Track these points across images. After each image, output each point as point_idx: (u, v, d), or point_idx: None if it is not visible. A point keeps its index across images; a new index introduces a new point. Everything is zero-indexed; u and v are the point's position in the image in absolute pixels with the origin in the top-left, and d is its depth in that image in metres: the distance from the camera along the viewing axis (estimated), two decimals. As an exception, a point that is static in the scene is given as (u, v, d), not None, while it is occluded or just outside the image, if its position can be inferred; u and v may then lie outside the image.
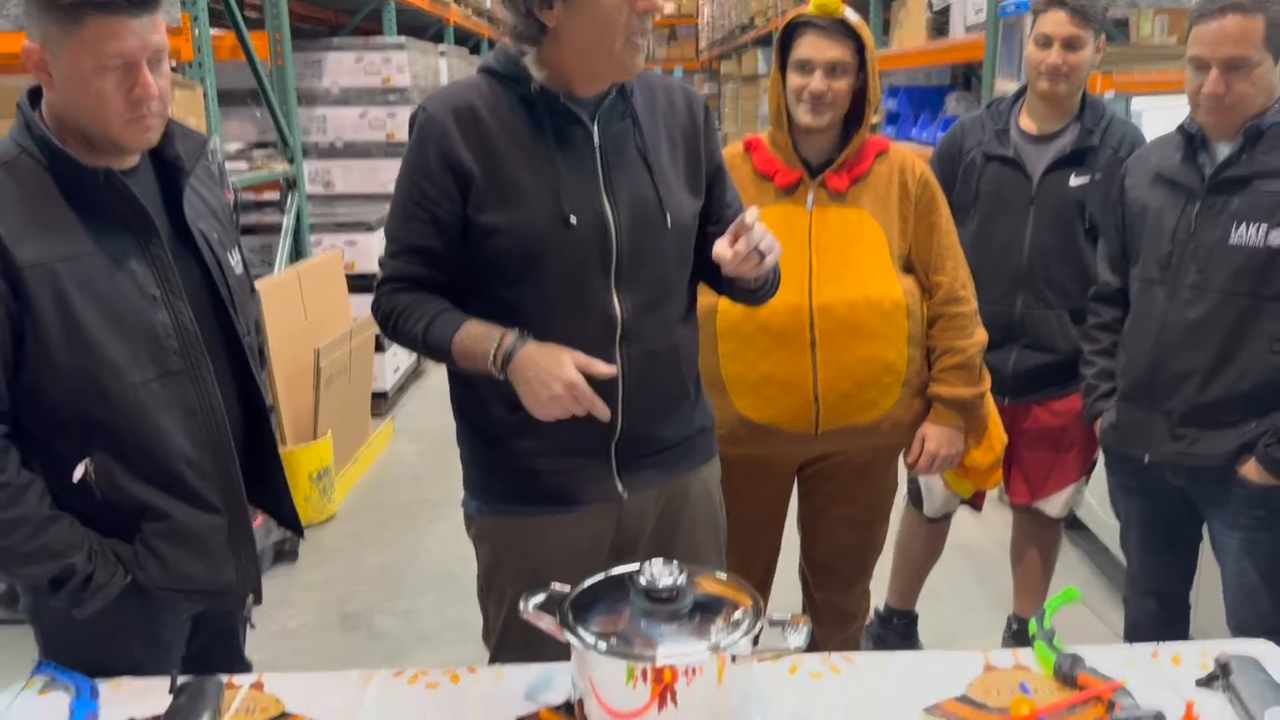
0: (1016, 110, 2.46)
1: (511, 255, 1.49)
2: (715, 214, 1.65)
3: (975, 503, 2.60)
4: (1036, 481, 2.53)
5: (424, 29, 7.49)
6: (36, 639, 1.49)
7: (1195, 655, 1.43)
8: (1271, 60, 1.82)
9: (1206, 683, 1.37)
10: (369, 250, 4.93)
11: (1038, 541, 2.62)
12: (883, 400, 1.99)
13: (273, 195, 4.79)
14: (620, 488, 1.59)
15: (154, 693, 1.35)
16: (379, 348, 4.86)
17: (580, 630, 1.26)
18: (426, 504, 4.02)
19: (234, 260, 1.55)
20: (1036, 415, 2.46)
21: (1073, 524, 3.46)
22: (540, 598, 1.33)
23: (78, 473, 1.36)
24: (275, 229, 4.47)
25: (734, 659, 1.23)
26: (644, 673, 1.21)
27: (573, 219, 1.48)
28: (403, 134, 5.57)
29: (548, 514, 1.58)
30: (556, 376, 1.39)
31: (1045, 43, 2.33)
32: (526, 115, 1.50)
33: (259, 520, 1.62)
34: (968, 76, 5.89)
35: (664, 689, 1.22)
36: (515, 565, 1.60)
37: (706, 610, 1.28)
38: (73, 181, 1.35)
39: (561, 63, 1.49)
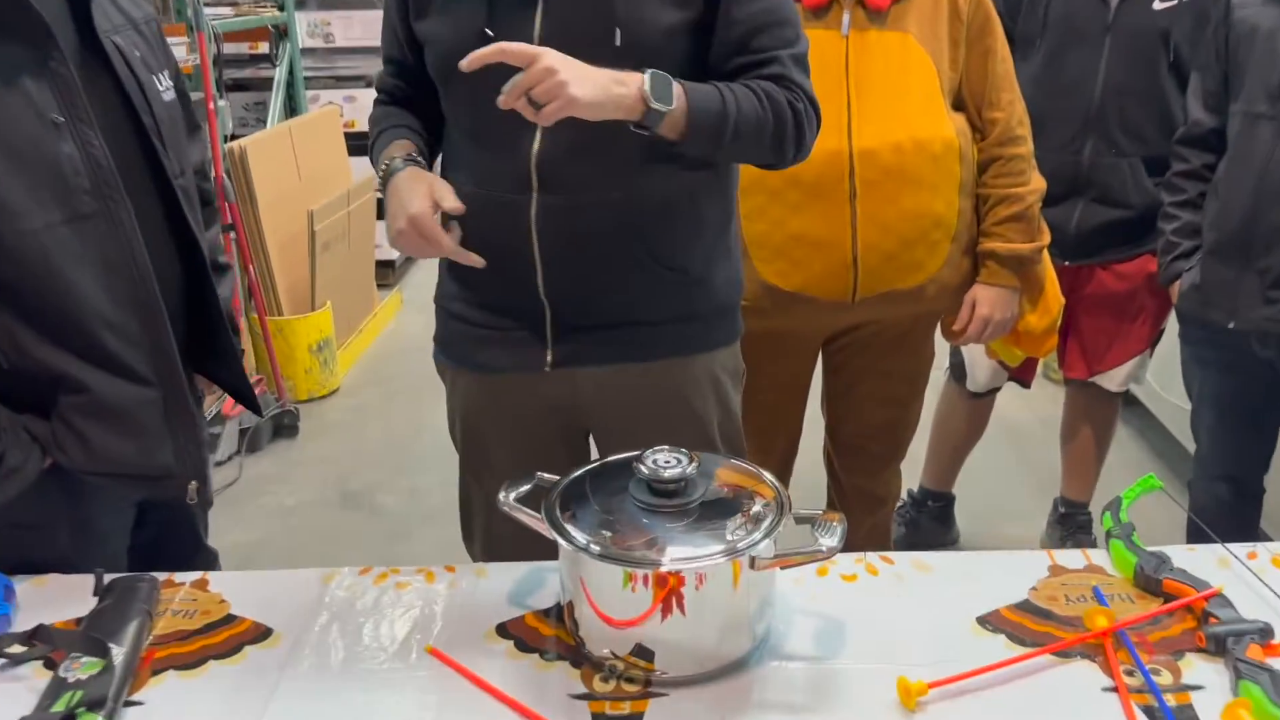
0: (1092, -78, 2.11)
1: (436, 70, 1.34)
2: (727, 34, 1.27)
3: (1024, 377, 2.36)
4: (1096, 353, 2.28)
5: None
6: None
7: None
8: None
9: (1314, 589, 1.15)
10: (369, 106, 4.61)
11: (1093, 419, 2.39)
12: (929, 260, 1.73)
13: (266, 48, 4.46)
14: (549, 356, 1.38)
15: (82, 591, 1.17)
16: (382, 214, 4.61)
17: (569, 528, 1.05)
18: (434, 378, 3.81)
19: (161, 85, 1.29)
20: (1100, 279, 2.20)
21: (1128, 401, 3.22)
22: (525, 488, 1.12)
23: (-27, 338, 1.14)
24: (268, 85, 4.16)
25: (753, 563, 1.02)
26: (645, 577, 1.01)
27: (488, 31, 1.21)
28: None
29: (487, 373, 1.45)
30: (403, 208, 1.23)
31: None
32: None
33: (229, 404, 1.41)
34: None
35: (668, 593, 1.01)
36: (473, 422, 1.51)
37: (720, 506, 1.07)
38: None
39: None
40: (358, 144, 4.42)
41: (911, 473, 2.54)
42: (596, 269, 1.33)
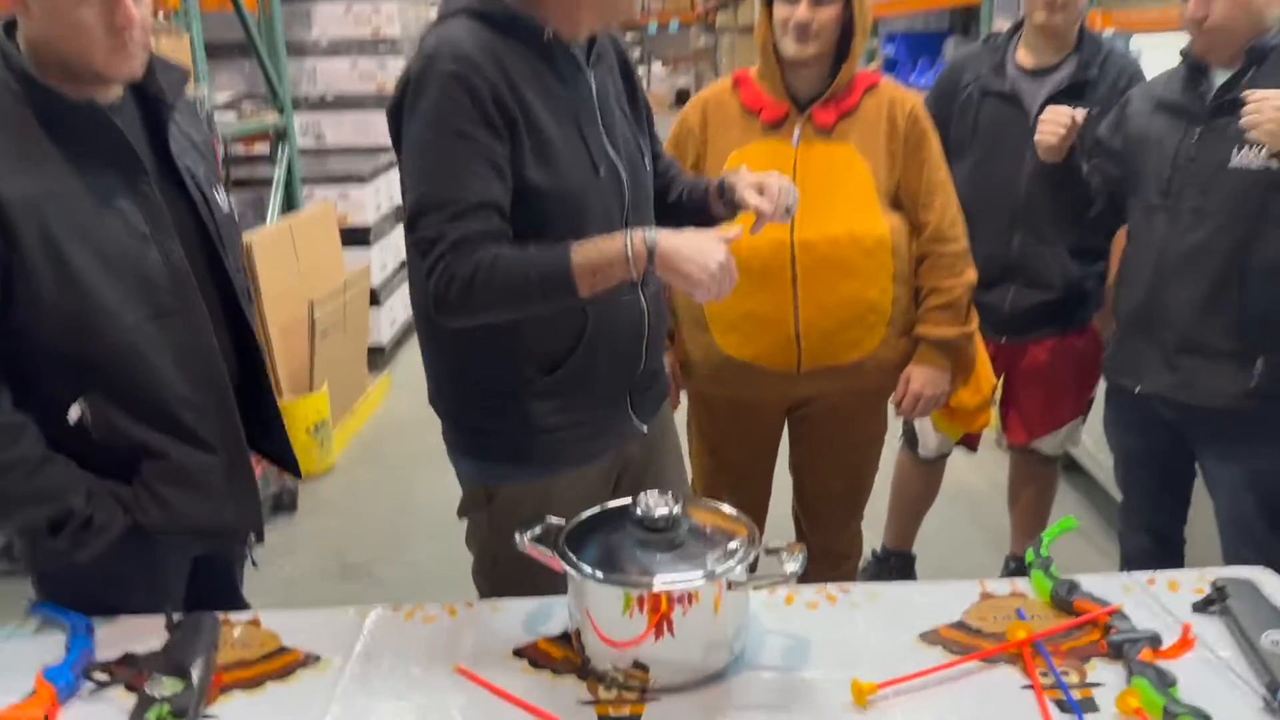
0: (1014, 45, 2.43)
1: (554, 212, 1.42)
2: (654, 140, 1.69)
3: (970, 443, 2.60)
4: (1033, 421, 2.52)
5: (414, -21, 7.37)
6: (33, 585, 1.48)
7: (1191, 581, 1.43)
8: None
9: (1203, 607, 1.37)
10: (361, 202, 4.89)
11: (1035, 481, 2.62)
12: (866, 339, 1.97)
13: (264, 149, 4.74)
14: (637, 423, 1.61)
15: (150, 631, 1.35)
16: (374, 301, 4.84)
17: (577, 560, 1.26)
18: (425, 456, 3.98)
19: (220, 197, 1.53)
20: (1033, 354, 2.46)
21: (1070, 466, 3.47)
22: (537, 531, 1.33)
23: (73, 414, 1.35)
24: (267, 183, 4.43)
25: (730, 586, 1.23)
26: (640, 602, 1.22)
27: (601, 169, 1.46)
28: (394, 85, 5.52)
29: (571, 469, 1.55)
30: (708, 254, 1.33)
31: (1044, -28, 2.29)
32: (543, 65, 1.43)
33: (259, 468, 1.60)
34: (965, 21, 5.81)
35: (660, 618, 1.22)
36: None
37: (702, 539, 1.28)
38: (55, 116, 1.32)
39: (557, 7, 1.43)
40: (350, 238, 4.70)
41: (876, 532, 2.76)
42: (661, 335, 1.63)
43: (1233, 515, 1.98)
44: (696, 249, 1.34)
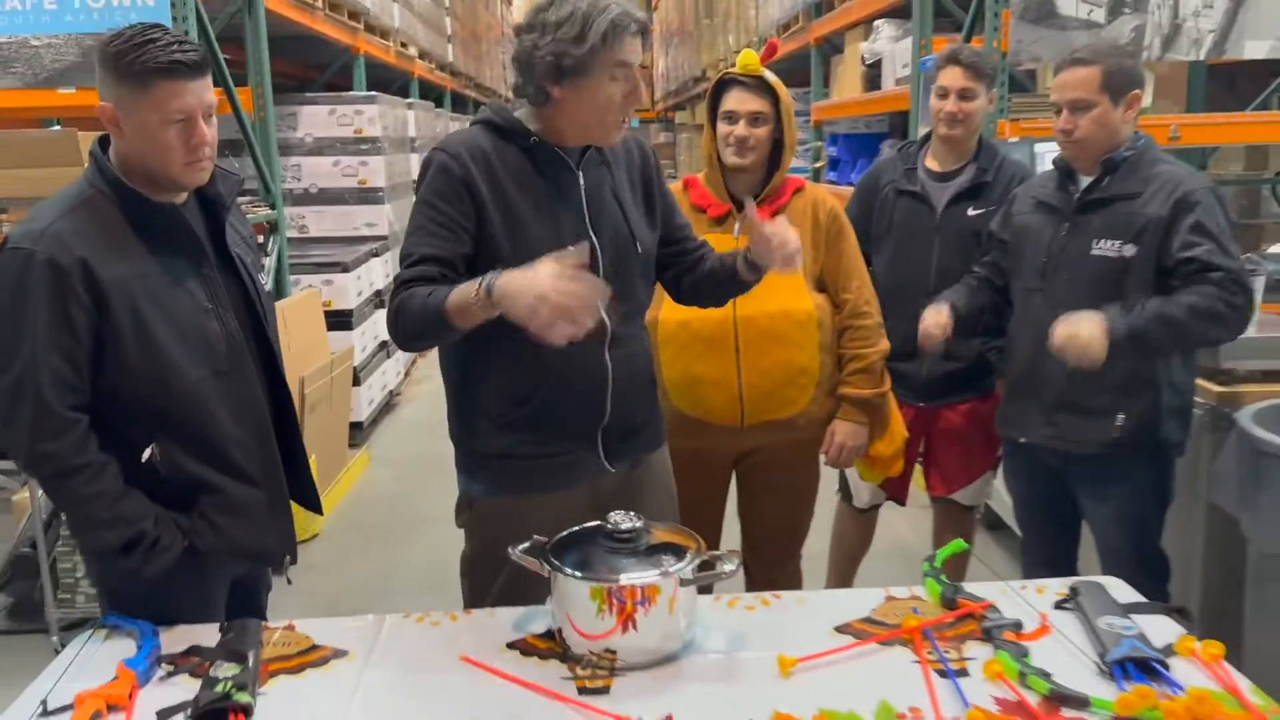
0: (923, 152, 2.85)
1: None
2: (672, 236, 2.01)
3: (899, 496, 2.94)
4: (950, 476, 2.88)
5: (390, 83, 7.86)
6: (101, 599, 1.77)
7: (1055, 586, 1.77)
8: (1111, 103, 2.21)
9: (1061, 604, 1.71)
10: (344, 289, 5.24)
11: (955, 528, 2.96)
12: (799, 398, 2.33)
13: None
14: (607, 465, 1.89)
15: (202, 636, 1.64)
16: (356, 381, 5.15)
17: (559, 564, 1.58)
18: (404, 523, 4.30)
19: (263, 280, 1.87)
20: (947, 417, 2.82)
21: (996, 524, 3.83)
22: (526, 545, 1.65)
23: (146, 454, 1.66)
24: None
25: (681, 583, 1.55)
26: (610, 601, 1.53)
27: (570, 248, 1.74)
28: (374, 180, 5.94)
29: (546, 493, 1.85)
30: (533, 284, 1.50)
31: (943, 94, 2.73)
32: (528, 162, 1.79)
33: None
34: (902, 125, 6.35)
35: (626, 617, 1.53)
36: (513, 538, 1.69)
37: (659, 549, 1.61)
38: (139, 214, 1.66)
39: (556, 123, 1.79)
40: (334, 322, 5.03)
41: (820, 580, 3.08)
42: (634, 392, 1.90)
43: (1106, 546, 2.33)
44: (523, 284, 1.51)
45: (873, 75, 5.70)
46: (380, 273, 6.05)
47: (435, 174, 1.77)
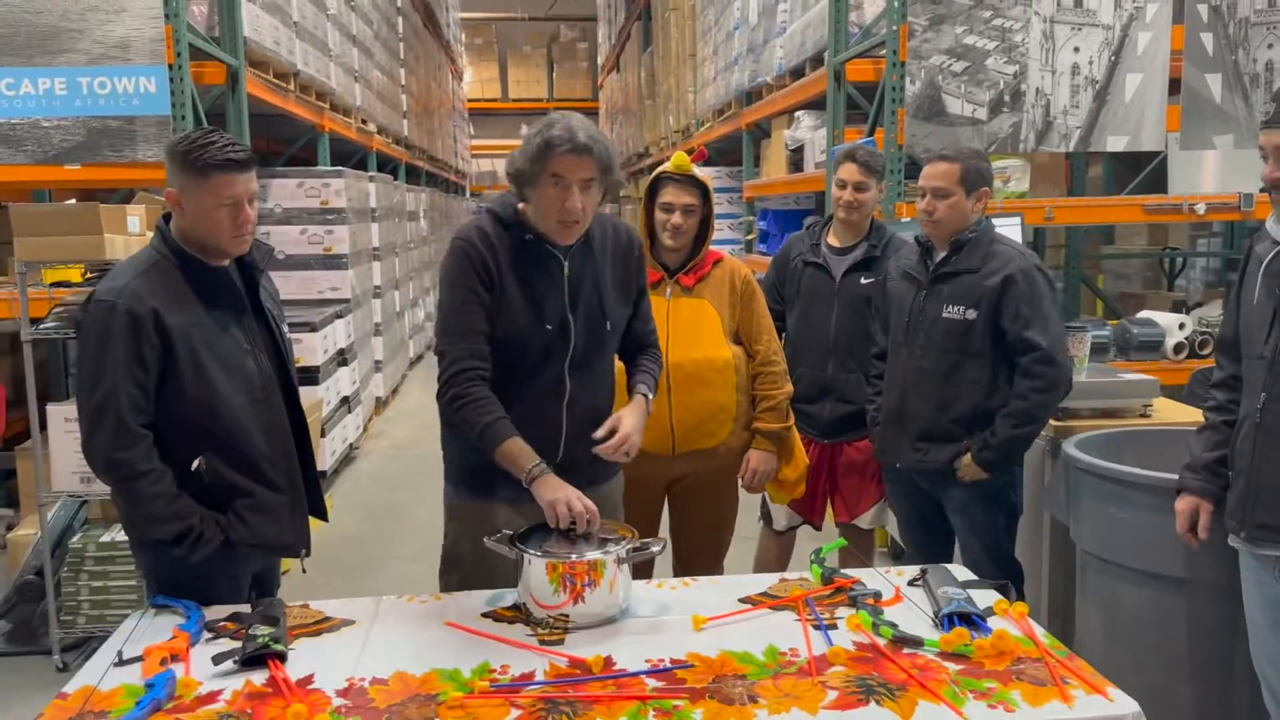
0: (826, 230, 3.41)
1: (504, 345, 2.17)
2: (637, 314, 2.40)
3: (814, 520, 3.43)
4: (851, 503, 3.38)
5: (350, 155, 8.36)
6: (149, 585, 2.18)
7: (912, 571, 2.27)
8: (965, 194, 2.78)
9: (913, 582, 2.20)
10: (312, 347, 5.65)
11: (857, 547, 3.45)
12: (720, 431, 2.82)
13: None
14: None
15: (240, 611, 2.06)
16: (321, 433, 5.54)
17: (523, 548, 2.03)
18: (367, 562, 4.68)
19: (286, 327, 2.32)
20: (847, 453, 3.33)
21: (899, 554, 4.32)
22: (497, 535, 2.10)
23: (194, 465, 2.09)
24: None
25: (619, 561, 2.01)
26: (564, 581, 1.99)
27: (548, 325, 2.20)
28: (339, 248, 6.39)
29: (507, 503, 2.25)
30: (569, 494, 2.04)
31: (841, 185, 3.28)
32: (522, 250, 2.18)
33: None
34: (824, 203, 6.98)
35: (577, 594, 1.99)
36: (480, 533, 2.19)
37: (604, 540, 2.08)
38: (196, 276, 2.11)
39: (536, 222, 2.19)
40: (304, 378, 5.42)
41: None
42: (588, 442, 2.21)
43: (969, 556, 2.84)
44: (555, 496, 2.03)
45: (796, 158, 6.32)
46: (343, 333, 6.46)
47: (460, 259, 2.17)
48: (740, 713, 1.65)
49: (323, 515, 2.40)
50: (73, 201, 4.12)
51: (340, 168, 6.56)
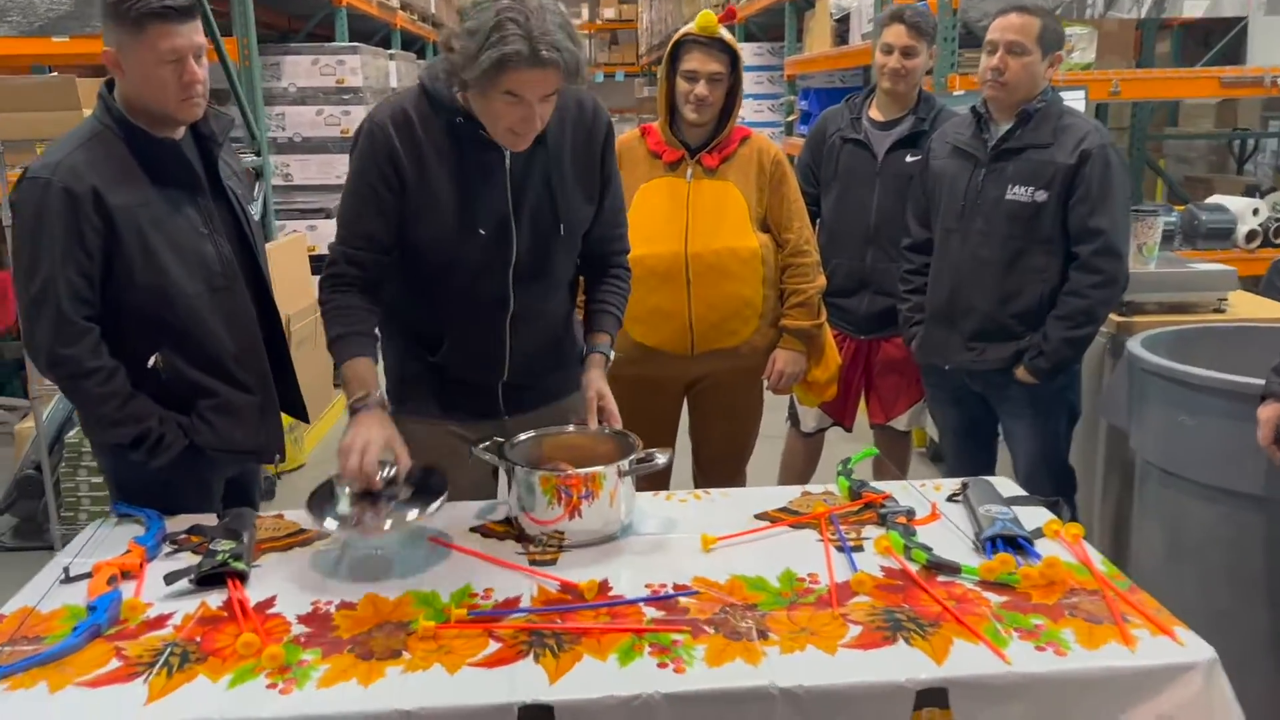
0: (868, 103, 3.07)
1: (428, 253, 1.84)
2: (601, 213, 1.99)
3: (844, 422, 3.19)
4: (887, 403, 3.13)
5: (373, 34, 7.97)
6: (111, 492, 2.00)
7: (951, 485, 2.03)
8: (1040, 54, 2.43)
9: (952, 497, 1.96)
10: (327, 234, 5.41)
11: (892, 452, 3.22)
12: (743, 329, 2.56)
13: (239, 185, 5.27)
14: (503, 411, 2.01)
15: (205, 523, 1.87)
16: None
17: (514, 461, 1.82)
18: (385, 456, 4.53)
19: (253, 210, 2.08)
20: (885, 350, 3.07)
21: (938, 457, 4.09)
22: (486, 443, 1.88)
23: (150, 361, 1.88)
24: (243, 215, 4.96)
25: (620, 474, 1.79)
26: (559, 493, 1.77)
27: (481, 230, 1.83)
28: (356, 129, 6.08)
29: (454, 421, 2.00)
30: (366, 438, 1.71)
31: (887, 50, 2.94)
32: (453, 138, 1.80)
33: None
34: (869, 80, 6.53)
35: (573, 507, 1.77)
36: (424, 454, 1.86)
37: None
38: (143, 149, 1.86)
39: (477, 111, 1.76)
40: (319, 265, 5.22)
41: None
42: (536, 359, 1.99)
43: (1023, 464, 2.59)
44: (349, 441, 1.70)
45: (841, 30, 5.86)
46: (363, 220, 6.22)
47: (363, 144, 1.83)
48: (747, 650, 1.44)
49: (302, 415, 2.20)
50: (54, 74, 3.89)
51: (357, 44, 6.20)
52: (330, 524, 1.71)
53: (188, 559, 1.75)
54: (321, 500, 1.76)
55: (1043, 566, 1.64)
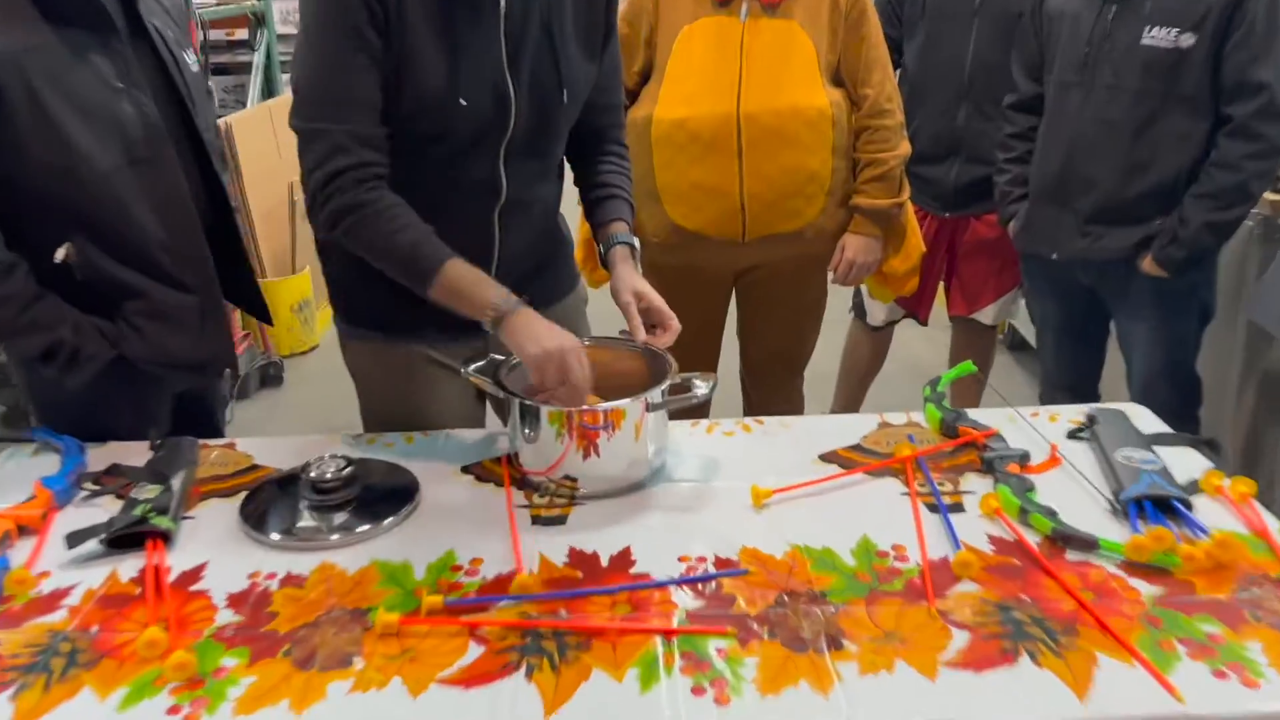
0: (965, -76, 2.49)
1: (409, 124, 1.41)
2: (599, 81, 1.59)
3: (919, 313, 2.74)
4: (973, 293, 2.67)
5: None
6: (31, 412, 1.65)
7: (1070, 414, 1.60)
8: None
9: (1075, 434, 1.54)
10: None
11: (974, 350, 2.78)
12: (807, 209, 2.10)
13: (244, 35, 4.76)
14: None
15: (136, 454, 1.51)
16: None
17: (513, 389, 1.41)
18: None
19: (189, 59, 1.64)
20: (975, 228, 2.59)
21: (1019, 345, 3.63)
22: (481, 363, 1.48)
23: (59, 255, 1.48)
24: (245, 69, 4.48)
25: (649, 407, 1.39)
26: (568, 426, 1.37)
27: (462, 100, 1.41)
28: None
29: (424, 342, 1.60)
30: (557, 339, 1.35)
31: None
32: None
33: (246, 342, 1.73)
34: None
35: (587, 446, 1.38)
36: (391, 392, 1.62)
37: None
38: (28, -25, 1.42)
39: None
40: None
41: (824, 404, 2.93)
42: (529, 257, 1.60)
43: (1140, 371, 2.14)
44: (540, 334, 1.33)
45: None
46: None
47: None
48: (814, 668, 1.06)
49: (263, 315, 1.81)
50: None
51: None
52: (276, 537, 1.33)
53: (107, 506, 1.40)
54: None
55: (1211, 545, 1.22)
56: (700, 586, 1.20)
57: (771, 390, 2.39)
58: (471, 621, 1.14)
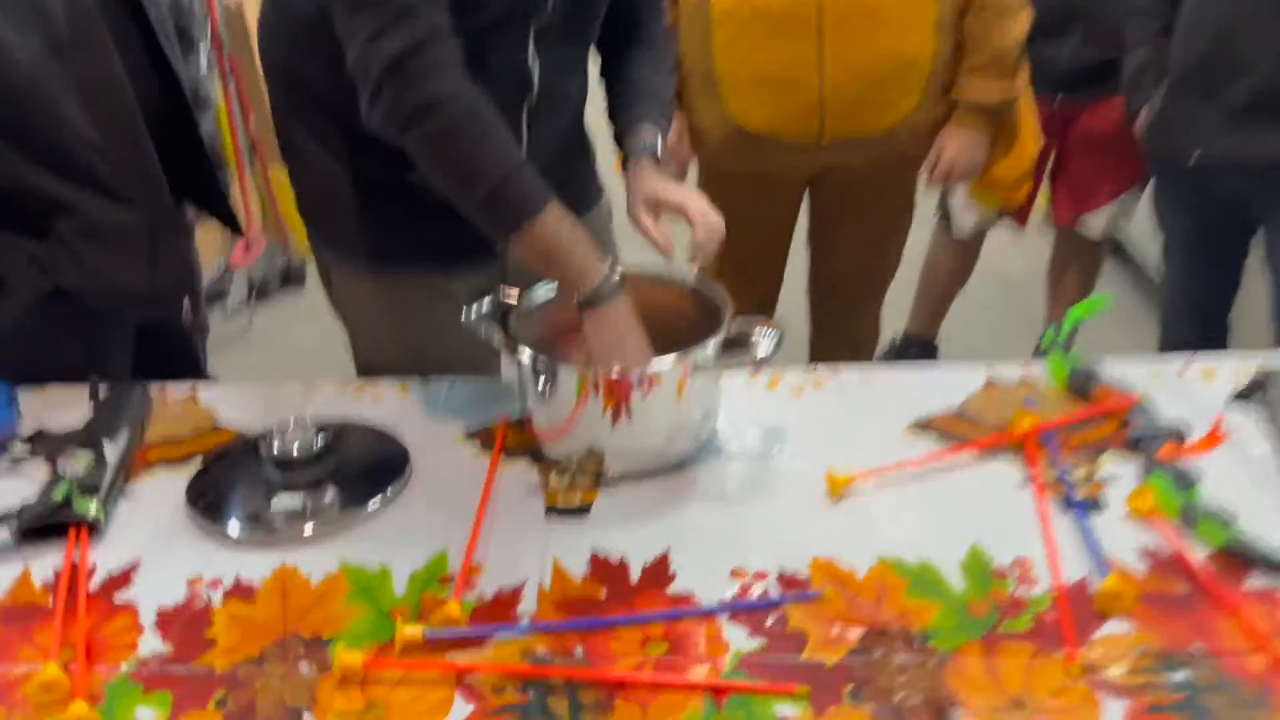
0: None
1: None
2: None
3: (1018, 217, 2.37)
4: (1083, 193, 2.28)
5: None
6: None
7: (1231, 368, 1.26)
8: None
9: (1244, 396, 1.20)
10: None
11: (1077, 262, 2.41)
12: (902, 102, 1.72)
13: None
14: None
15: (82, 401, 1.26)
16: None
17: (523, 343, 1.11)
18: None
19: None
20: (1088, 119, 2.20)
21: (1116, 248, 3.23)
22: (485, 307, 1.18)
23: (-29, 164, 1.20)
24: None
25: (695, 368, 1.08)
26: (595, 385, 1.08)
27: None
28: None
29: (433, 269, 1.32)
30: (640, 343, 1.10)
31: None
32: None
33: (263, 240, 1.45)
34: None
35: (616, 403, 1.08)
36: (399, 333, 1.38)
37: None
38: None
39: None
40: None
41: (899, 318, 2.60)
42: (557, 163, 1.27)
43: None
44: (625, 335, 1.09)
45: None
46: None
47: None
48: (913, 751, 0.78)
49: (233, 225, 1.51)
50: None
51: None
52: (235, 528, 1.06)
53: (34, 474, 1.15)
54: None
55: None
56: (758, 617, 0.92)
57: (845, 317, 2.06)
58: (458, 666, 0.88)
